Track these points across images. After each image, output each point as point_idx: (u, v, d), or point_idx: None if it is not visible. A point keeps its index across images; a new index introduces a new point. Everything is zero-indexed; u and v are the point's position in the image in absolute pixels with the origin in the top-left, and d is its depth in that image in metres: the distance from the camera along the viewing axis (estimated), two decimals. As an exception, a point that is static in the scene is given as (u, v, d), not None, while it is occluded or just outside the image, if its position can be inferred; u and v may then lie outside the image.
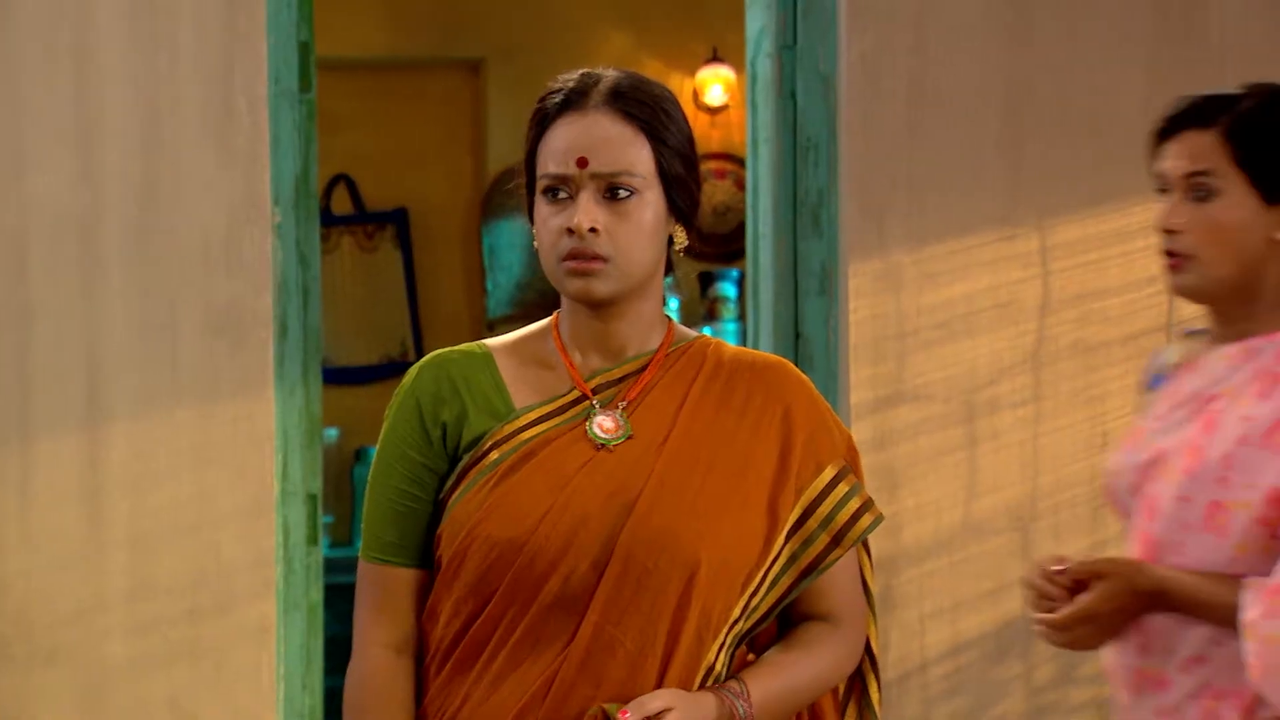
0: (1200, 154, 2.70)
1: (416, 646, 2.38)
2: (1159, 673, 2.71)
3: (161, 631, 4.28)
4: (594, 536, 2.28)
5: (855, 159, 4.43)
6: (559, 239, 2.32)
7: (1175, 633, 2.68)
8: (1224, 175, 2.69)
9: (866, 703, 2.49)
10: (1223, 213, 2.69)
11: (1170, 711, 2.70)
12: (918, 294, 4.41)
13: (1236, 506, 2.62)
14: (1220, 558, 2.63)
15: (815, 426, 2.40)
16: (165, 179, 4.29)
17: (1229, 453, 2.64)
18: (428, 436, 2.37)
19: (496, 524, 2.30)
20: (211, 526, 4.29)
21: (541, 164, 2.34)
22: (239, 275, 4.29)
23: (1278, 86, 2.74)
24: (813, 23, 4.49)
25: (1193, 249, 2.70)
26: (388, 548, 2.38)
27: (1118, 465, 2.81)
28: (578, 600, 2.28)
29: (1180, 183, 2.72)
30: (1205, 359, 2.77)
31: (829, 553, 2.38)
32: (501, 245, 7.73)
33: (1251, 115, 2.70)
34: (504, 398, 2.38)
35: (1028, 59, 4.42)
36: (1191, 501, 2.65)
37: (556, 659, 2.27)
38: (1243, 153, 2.68)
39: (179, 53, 4.30)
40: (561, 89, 2.36)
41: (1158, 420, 2.78)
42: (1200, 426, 2.69)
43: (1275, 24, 4.49)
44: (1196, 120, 2.72)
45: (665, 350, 2.40)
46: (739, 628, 2.34)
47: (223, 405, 4.29)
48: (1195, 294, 2.75)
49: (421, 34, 7.71)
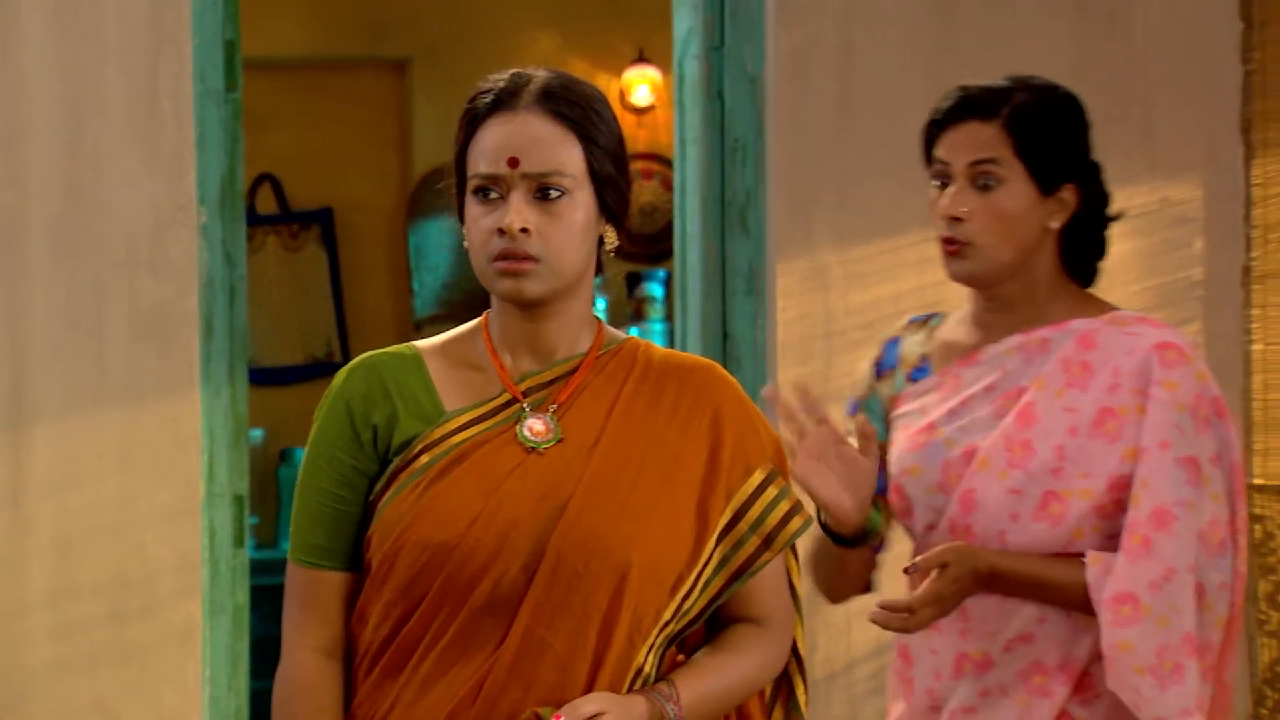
0: (984, 144, 2.79)
1: (346, 650, 2.37)
2: (983, 655, 2.79)
3: (86, 634, 4.25)
4: (525, 540, 2.28)
5: (783, 159, 4.44)
6: (490, 239, 2.31)
7: (999, 615, 2.78)
8: (1006, 165, 2.78)
9: (793, 704, 2.50)
10: (1005, 201, 2.78)
11: (996, 692, 2.79)
12: (845, 294, 4.43)
13: (1073, 496, 2.74)
14: (1047, 545, 2.75)
15: (744, 429, 2.40)
16: (90, 179, 4.26)
17: (1060, 444, 2.75)
18: (358, 439, 2.36)
19: (427, 527, 2.29)
20: (137, 528, 4.26)
21: (472, 164, 2.34)
22: (165, 276, 4.27)
23: (1050, 81, 2.85)
24: (740, 24, 4.50)
25: (974, 236, 2.79)
26: (317, 551, 2.37)
27: (914, 463, 2.85)
28: (508, 603, 2.27)
29: (964, 172, 2.80)
30: (987, 351, 2.84)
31: (759, 555, 2.38)
32: (428, 245, 7.71)
33: (1031, 108, 2.80)
34: (434, 400, 2.37)
35: (953, 60, 4.45)
36: (1023, 494, 2.75)
37: (487, 662, 2.27)
38: (1023, 144, 2.78)
39: (104, 52, 4.27)
40: (492, 89, 2.35)
41: (949, 416, 2.84)
42: (1016, 421, 2.77)
43: (1197, 27, 4.54)
44: (979, 111, 2.80)
45: (595, 352, 2.40)
46: (669, 630, 2.35)
47: (148, 406, 4.26)
48: (975, 280, 2.83)
49: (347, 34, 7.68)
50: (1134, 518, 2.71)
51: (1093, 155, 2.88)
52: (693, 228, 4.63)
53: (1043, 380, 2.79)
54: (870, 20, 4.47)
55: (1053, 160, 2.81)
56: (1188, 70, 4.53)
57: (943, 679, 2.83)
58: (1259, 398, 4.45)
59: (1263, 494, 4.42)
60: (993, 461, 2.77)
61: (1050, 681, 2.77)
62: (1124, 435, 2.75)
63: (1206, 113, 4.53)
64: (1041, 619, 2.77)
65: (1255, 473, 4.45)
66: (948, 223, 2.80)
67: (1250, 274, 4.49)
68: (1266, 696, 4.37)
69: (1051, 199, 2.81)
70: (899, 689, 2.90)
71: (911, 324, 2.99)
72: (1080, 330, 2.82)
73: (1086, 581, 2.71)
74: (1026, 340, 2.83)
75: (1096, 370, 2.79)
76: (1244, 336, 4.49)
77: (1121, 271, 4.51)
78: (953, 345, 2.91)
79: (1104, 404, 2.76)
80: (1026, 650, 2.78)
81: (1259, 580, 4.41)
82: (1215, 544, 2.74)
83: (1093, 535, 2.75)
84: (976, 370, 2.85)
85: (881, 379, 2.97)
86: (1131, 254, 4.50)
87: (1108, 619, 2.69)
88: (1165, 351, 2.78)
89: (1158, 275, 4.52)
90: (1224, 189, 4.51)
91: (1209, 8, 4.52)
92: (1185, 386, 2.76)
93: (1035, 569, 2.74)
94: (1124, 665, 2.68)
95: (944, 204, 2.80)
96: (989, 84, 2.83)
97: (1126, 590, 2.69)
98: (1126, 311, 2.88)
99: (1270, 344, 4.41)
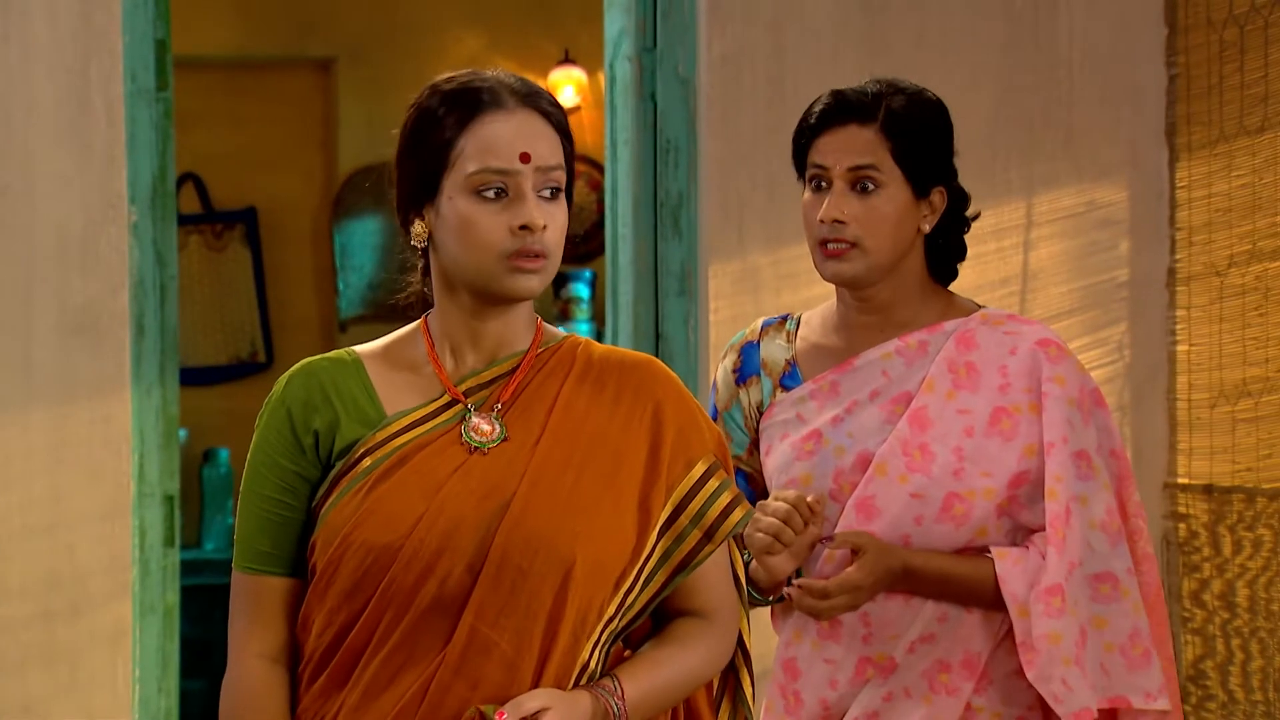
0: (864, 149, 2.82)
1: (292, 656, 2.37)
2: (886, 659, 2.83)
3: (14, 634, 4.23)
4: (469, 539, 2.28)
5: (715, 161, 4.47)
6: (504, 237, 2.29)
7: (900, 617, 2.82)
8: (885, 169, 2.82)
9: (740, 696, 2.50)
10: (884, 204, 2.82)
11: (901, 694, 2.83)
12: (776, 295, 4.46)
13: (975, 495, 2.79)
14: (954, 546, 2.80)
15: (685, 423, 2.41)
16: (19, 177, 4.23)
17: (958, 446, 2.80)
18: (299, 444, 2.36)
19: (371, 530, 2.28)
20: (66, 528, 4.24)
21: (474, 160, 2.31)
22: (95, 274, 4.25)
23: (917, 86, 2.90)
24: (672, 26, 4.53)
25: (856, 238, 2.81)
26: (261, 557, 2.37)
27: (804, 472, 2.86)
28: (453, 603, 2.27)
29: (843, 175, 2.83)
30: (863, 357, 2.87)
31: (701, 548, 2.39)
32: (353, 245, 7.70)
33: (906, 112, 2.84)
34: (375, 404, 2.36)
35: (883, 63, 4.47)
36: (925, 498, 2.79)
37: (433, 663, 2.27)
38: (900, 148, 2.83)
39: (32, 50, 4.24)
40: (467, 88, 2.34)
41: (834, 423, 2.86)
42: (910, 425, 2.81)
43: (1123, 31, 4.59)
44: (856, 115, 2.84)
45: (535, 350, 2.41)
46: (614, 626, 2.35)
47: (79, 405, 4.24)
48: (855, 281, 2.85)
49: (272, 33, 7.65)
50: (1055, 511, 2.77)
51: (954, 158, 2.93)
52: (624, 229, 4.65)
53: (930, 383, 2.83)
54: (802, 24, 4.50)
55: (927, 164, 2.85)
56: (1113, 74, 4.59)
57: (839, 687, 2.85)
58: (1183, 398, 4.50)
59: (1186, 493, 4.47)
60: (890, 467, 2.80)
61: (955, 679, 2.81)
62: (1020, 433, 2.81)
63: (1131, 116, 4.58)
64: (942, 618, 2.82)
65: (1179, 472, 4.51)
66: (829, 225, 2.82)
67: (1175, 275, 4.54)
68: (1191, 693, 4.42)
69: (924, 201, 2.86)
70: (779, 704, 2.91)
71: (767, 327, 3.00)
72: (956, 332, 2.86)
73: (997, 575, 2.77)
74: (904, 345, 2.86)
75: (983, 370, 2.84)
76: (1169, 337, 4.55)
77: (1048, 273, 4.56)
78: (822, 349, 2.93)
79: (997, 404, 2.82)
80: (929, 650, 2.82)
81: (1183, 578, 4.46)
82: (1114, 531, 2.82)
83: (995, 533, 2.81)
84: (855, 376, 2.87)
85: (744, 385, 2.98)
86: (1058, 256, 4.55)
87: (1039, 610, 2.74)
88: (1048, 348, 2.85)
89: (1084, 277, 4.57)
90: (1149, 192, 4.56)
91: (1134, 13, 4.58)
92: (1071, 381, 2.84)
93: (945, 566, 2.79)
94: (1053, 656, 2.74)
95: (825, 209, 2.82)
96: (861, 88, 2.86)
97: (1056, 583, 2.75)
98: (994, 310, 2.93)
99: (1195, 345, 4.47)
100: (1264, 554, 4.21)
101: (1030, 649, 2.75)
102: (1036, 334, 2.87)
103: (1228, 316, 4.35)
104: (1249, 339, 4.27)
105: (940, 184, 2.88)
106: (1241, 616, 4.28)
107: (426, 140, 2.33)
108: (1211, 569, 4.38)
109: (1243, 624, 4.28)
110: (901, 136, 2.82)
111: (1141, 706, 2.80)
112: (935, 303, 2.91)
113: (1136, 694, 2.80)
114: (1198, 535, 4.42)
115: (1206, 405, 4.42)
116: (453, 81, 2.35)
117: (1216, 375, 4.39)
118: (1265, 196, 4.22)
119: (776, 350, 2.96)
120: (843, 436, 2.84)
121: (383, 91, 7.55)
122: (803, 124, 2.89)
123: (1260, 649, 4.22)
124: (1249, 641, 4.26)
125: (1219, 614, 4.35)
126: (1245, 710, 4.27)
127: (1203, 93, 4.45)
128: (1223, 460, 4.36)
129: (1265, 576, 4.21)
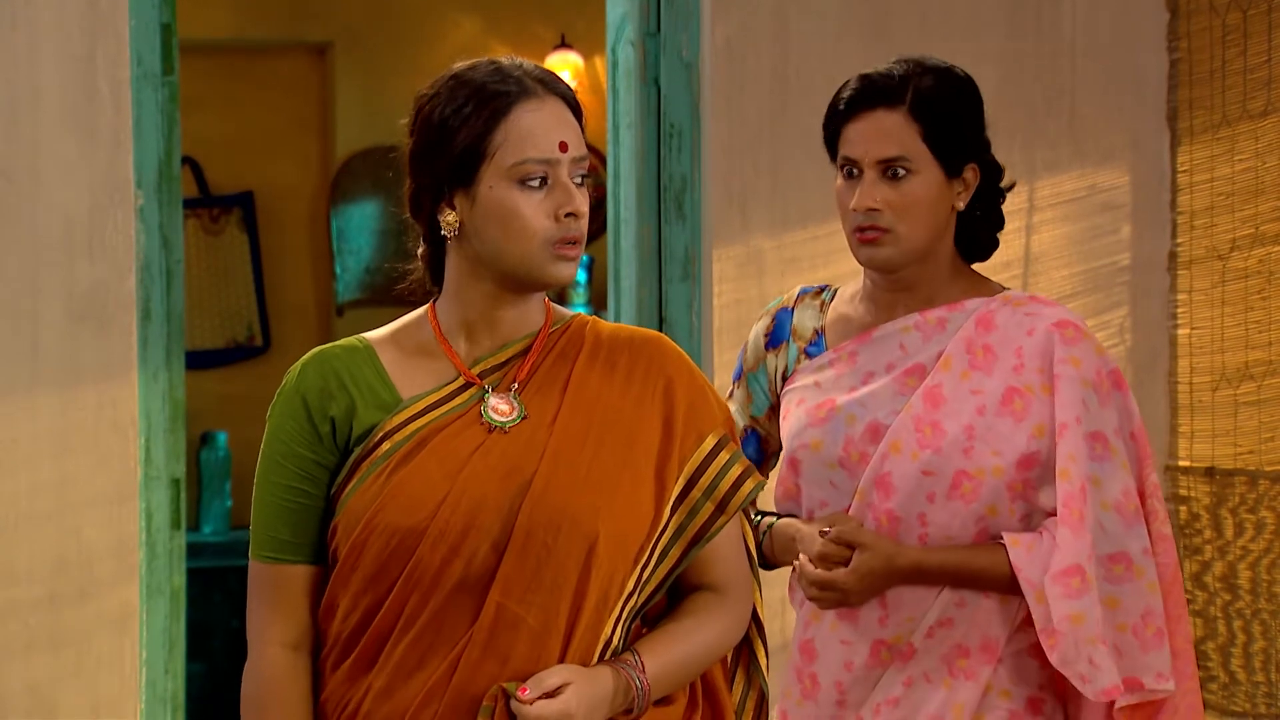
0: (893, 136, 2.83)
1: (314, 643, 2.39)
2: (903, 643, 2.84)
3: (21, 618, 4.23)
4: (493, 518, 2.30)
5: (719, 146, 4.48)
6: (547, 225, 2.34)
7: (916, 601, 2.83)
8: (915, 155, 2.83)
9: (755, 668, 2.53)
10: (917, 188, 2.83)
11: (921, 679, 2.84)
12: (780, 279, 4.47)
13: (984, 474, 2.80)
14: (967, 521, 2.81)
15: (695, 397, 2.44)
16: (26, 162, 4.23)
17: (969, 424, 2.81)
18: (316, 432, 2.38)
19: (394, 512, 2.31)
20: (73, 512, 4.24)
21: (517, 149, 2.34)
22: (102, 259, 4.25)
23: (944, 62, 2.89)
24: (676, 10, 4.54)
25: (890, 224, 2.83)
26: (281, 546, 2.39)
27: (816, 437, 2.89)
28: (479, 582, 2.29)
29: (874, 165, 2.83)
30: (882, 329, 2.90)
31: (714, 520, 2.42)
32: (350, 229, 7.70)
33: (934, 93, 2.84)
34: (390, 389, 2.39)
35: (887, 47, 4.47)
36: (936, 474, 2.80)
37: (460, 641, 2.29)
38: (930, 130, 2.83)
39: (38, 34, 4.24)
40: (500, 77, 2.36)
41: (848, 393, 2.88)
42: (924, 401, 2.83)
43: (1125, 17, 4.60)
44: (885, 99, 2.84)
45: (547, 330, 2.43)
46: (634, 602, 2.38)
47: (85, 390, 4.24)
48: (890, 265, 2.87)
49: (268, 17, 7.64)
50: (1068, 492, 2.77)
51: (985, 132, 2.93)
52: (628, 213, 4.66)
53: (947, 361, 2.84)
54: (805, 8, 4.51)
55: (957, 143, 2.85)
56: (1115, 58, 4.60)
57: (854, 670, 2.87)
58: (1184, 381, 4.52)
59: (1188, 476, 4.49)
60: (904, 444, 2.82)
61: (974, 663, 2.82)
62: (1031, 413, 2.81)
63: (1133, 100, 4.60)
64: (960, 603, 2.82)
65: (1180, 455, 4.53)
66: (863, 213, 2.84)
67: (1176, 259, 4.56)
68: (1192, 674, 4.44)
69: (957, 180, 2.87)
70: (796, 686, 2.93)
71: (804, 295, 3.03)
72: (978, 312, 2.87)
73: (1011, 563, 2.77)
74: (923, 320, 2.88)
75: (999, 352, 2.84)
76: (1170, 321, 4.56)
77: (1050, 257, 4.58)
78: (848, 319, 2.95)
79: (1009, 384, 2.82)
80: (947, 634, 2.83)
81: (1185, 561, 4.48)
82: (1130, 513, 2.82)
83: (1008, 515, 2.81)
84: (873, 348, 2.90)
85: (773, 350, 3.01)
86: (1060, 240, 4.56)
87: (1058, 592, 2.74)
88: (1064, 330, 2.85)
89: (1086, 261, 4.59)
90: (1150, 176, 4.58)
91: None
92: (1087, 363, 2.83)
93: (956, 560, 2.80)
94: (1077, 637, 2.74)
95: (858, 198, 2.83)
96: (887, 71, 2.86)
97: (1074, 563, 2.75)
98: (1016, 292, 2.95)
99: (1196, 328, 4.49)
100: (1266, 536, 4.23)
101: (1051, 633, 2.74)
102: (1055, 315, 2.87)
103: (1230, 300, 4.37)
104: (1251, 322, 4.29)
105: (972, 160, 2.88)
106: (1243, 598, 4.31)
107: (457, 131, 2.35)
108: (1213, 551, 4.40)
109: (1244, 606, 4.30)
110: (930, 118, 2.82)
111: (1153, 687, 2.80)
112: (960, 281, 2.92)
113: (1148, 674, 2.80)
114: (1199, 518, 4.44)
115: (1208, 389, 4.44)
116: (477, 70, 2.38)
117: (1218, 359, 4.40)
118: (1268, 181, 4.24)
119: (808, 318, 2.99)
120: (855, 405, 2.86)
121: (380, 76, 7.55)
122: (832, 110, 2.90)
123: (1262, 630, 4.25)
124: (1250, 623, 4.28)
125: (1220, 596, 4.37)
126: (1247, 691, 4.30)
127: (1205, 77, 4.47)
128: (1224, 443, 4.38)
129: (1267, 559, 4.23)
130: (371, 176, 7.59)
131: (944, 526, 2.81)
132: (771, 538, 2.94)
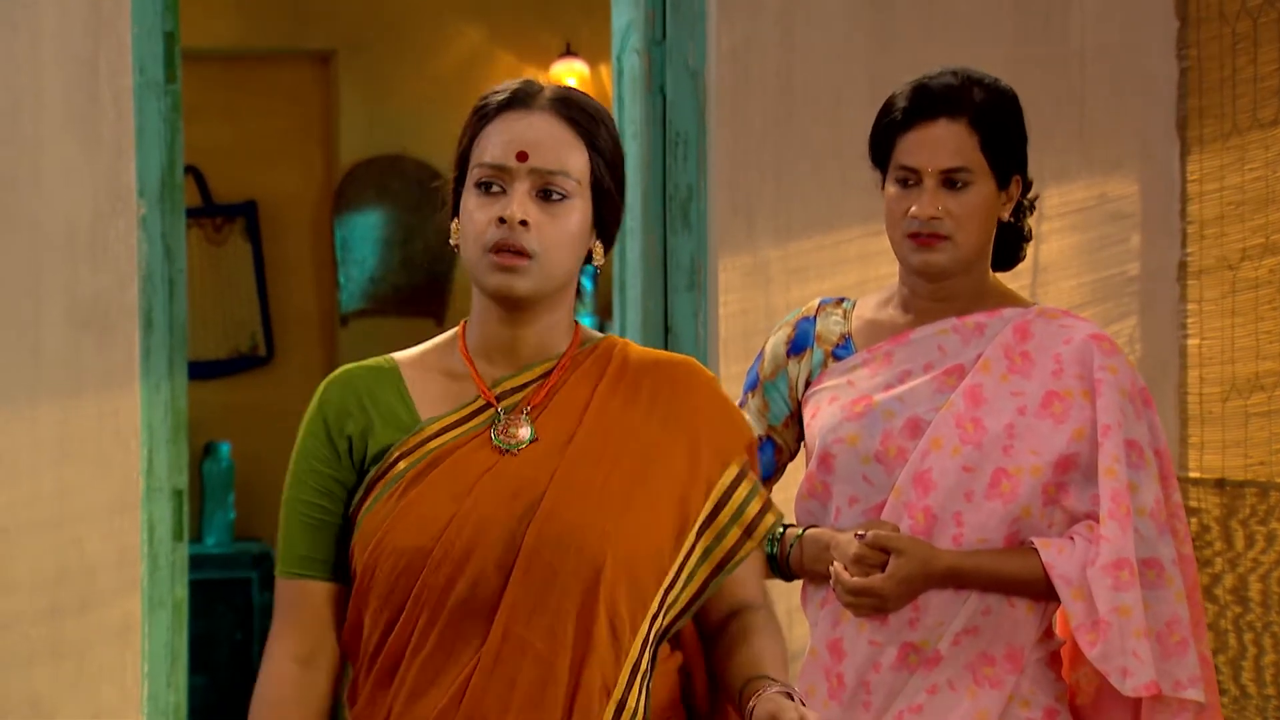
0: (956, 147, 2.86)
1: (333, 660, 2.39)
2: (930, 649, 2.85)
3: (22, 629, 4.22)
4: (498, 539, 2.29)
5: (724, 154, 4.46)
6: (486, 229, 2.31)
7: (946, 608, 2.84)
8: (975, 166, 2.87)
9: None
10: (975, 198, 2.87)
11: (945, 687, 2.85)
12: (786, 289, 4.45)
13: (1022, 473, 2.83)
14: (1001, 522, 2.83)
15: (721, 423, 2.42)
16: (28, 170, 4.22)
17: (1010, 422, 2.84)
18: (335, 450, 2.38)
19: (402, 534, 2.30)
20: (74, 522, 4.23)
21: (477, 156, 2.35)
22: (104, 268, 4.24)
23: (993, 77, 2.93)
24: (682, 18, 4.52)
25: (950, 232, 2.86)
26: (301, 562, 2.39)
27: (853, 431, 2.89)
28: (486, 605, 2.28)
29: (936, 175, 2.86)
30: (919, 331, 2.92)
31: (742, 545, 2.40)
32: (354, 239, 7.68)
33: (991, 104, 2.88)
34: (409, 410, 2.38)
35: (891, 56, 4.48)
36: (975, 471, 2.83)
37: (469, 664, 2.28)
38: (988, 142, 2.87)
39: (41, 41, 4.23)
40: (504, 90, 2.37)
41: (885, 390, 2.90)
42: (965, 400, 2.85)
43: (1134, 24, 4.58)
44: (946, 109, 2.87)
45: (572, 353, 2.41)
46: (659, 624, 2.35)
47: (87, 399, 4.23)
48: (944, 271, 2.90)
49: (271, 25, 7.63)
50: (1115, 489, 2.81)
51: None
52: (633, 222, 4.64)
53: (987, 363, 2.88)
54: (811, 16, 4.49)
55: (1009, 155, 2.91)
56: (1124, 67, 4.58)
57: (881, 671, 2.87)
58: (1194, 392, 4.50)
59: (1198, 487, 4.47)
60: (945, 440, 2.84)
61: (999, 671, 2.84)
62: (1070, 416, 2.85)
63: (1143, 109, 4.58)
64: (986, 610, 2.84)
65: (1190, 466, 4.50)
66: (923, 221, 2.86)
67: (1186, 269, 4.54)
68: (1202, 687, 4.42)
69: (1004, 192, 2.92)
70: (823, 686, 2.92)
71: (824, 305, 3.05)
72: (1015, 320, 2.91)
73: (1043, 564, 2.79)
74: (961, 324, 2.92)
75: (1036, 359, 2.88)
76: (1179, 331, 4.54)
77: (1059, 267, 4.55)
78: (879, 324, 2.98)
79: (1049, 387, 2.86)
80: (973, 642, 2.84)
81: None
82: (1162, 521, 2.86)
83: (1039, 519, 2.84)
84: (910, 349, 2.92)
85: (794, 358, 3.02)
86: (1069, 249, 4.54)
87: (1107, 584, 2.77)
88: (1101, 342, 2.90)
89: (1095, 270, 4.57)
90: (1160, 185, 4.56)
91: (1145, 5, 4.57)
92: (1124, 374, 2.89)
93: (990, 564, 2.82)
94: (1124, 629, 2.76)
95: (920, 206, 2.86)
96: (943, 80, 2.88)
97: (1123, 556, 2.78)
98: (1049, 306, 3.01)
99: (1205, 339, 4.46)
100: (1277, 548, 4.21)
101: (1091, 628, 2.77)
102: (1090, 329, 2.94)
103: (1240, 310, 4.34)
104: (1262, 333, 4.27)
105: (1018, 172, 2.94)
106: (1254, 611, 4.28)
107: (459, 142, 2.38)
108: (1224, 563, 4.38)
109: (1255, 618, 4.28)
110: (988, 129, 2.87)
111: (1170, 694, 2.81)
112: (995, 290, 2.97)
113: (1166, 680, 2.81)
114: (1210, 529, 4.42)
115: (1218, 399, 4.42)
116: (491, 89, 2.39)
117: (1228, 369, 4.38)
118: (1279, 190, 4.21)
119: (832, 325, 3.01)
120: (893, 401, 2.89)
121: (383, 84, 7.54)
122: (885, 119, 2.91)
123: (1273, 643, 4.22)
124: (1261, 636, 4.26)
125: (1231, 608, 4.35)
126: (1258, 705, 4.27)
127: (1215, 86, 4.45)
128: (1235, 454, 4.36)
129: (1278, 571, 4.20)
130: (375, 185, 7.57)
131: (979, 527, 2.83)
132: (801, 546, 2.93)
